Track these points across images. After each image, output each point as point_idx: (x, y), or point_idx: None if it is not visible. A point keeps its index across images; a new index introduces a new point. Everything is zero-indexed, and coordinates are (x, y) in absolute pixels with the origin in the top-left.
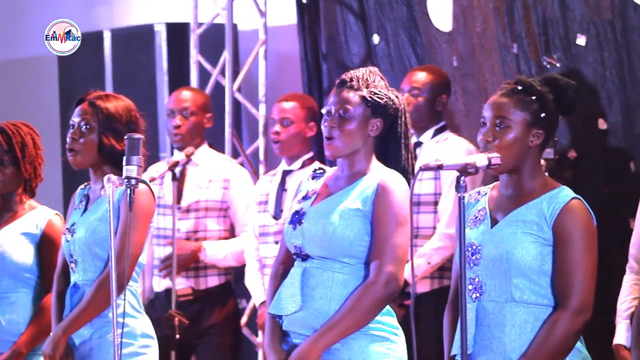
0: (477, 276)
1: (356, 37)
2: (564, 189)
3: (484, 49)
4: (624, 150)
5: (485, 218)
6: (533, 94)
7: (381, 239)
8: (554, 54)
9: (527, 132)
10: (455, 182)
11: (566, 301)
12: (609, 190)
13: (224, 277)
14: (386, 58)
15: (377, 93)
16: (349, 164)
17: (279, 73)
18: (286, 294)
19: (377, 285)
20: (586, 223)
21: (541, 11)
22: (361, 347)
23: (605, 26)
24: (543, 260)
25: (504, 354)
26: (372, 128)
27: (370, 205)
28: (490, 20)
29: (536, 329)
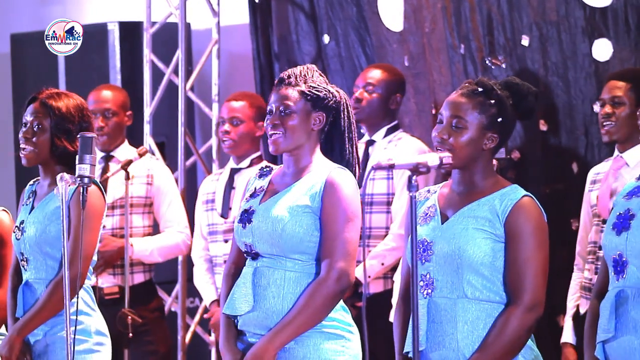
0: (429, 272)
1: (307, 36)
2: (516, 187)
3: (433, 49)
4: (565, 151)
5: (435, 214)
6: (493, 98)
7: (331, 235)
8: (499, 55)
9: (482, 135)
10: (407, 182)
11: (518, 298)
12: (550, 191)
13: (149, 274)
14: (336, 58)
15: (316, 87)
16: (294, 160)
17: (232, 72)
18: (239, 294)
19: (328, 281)
20: (537, 220)
21: (487, 12)
22: (316, 344)
23: (550, 27)
24: (495, 257)
25: (457, 351)
26: (315, 122)
27: (318, 202)
28: (438, 20)
29: (488, 325)
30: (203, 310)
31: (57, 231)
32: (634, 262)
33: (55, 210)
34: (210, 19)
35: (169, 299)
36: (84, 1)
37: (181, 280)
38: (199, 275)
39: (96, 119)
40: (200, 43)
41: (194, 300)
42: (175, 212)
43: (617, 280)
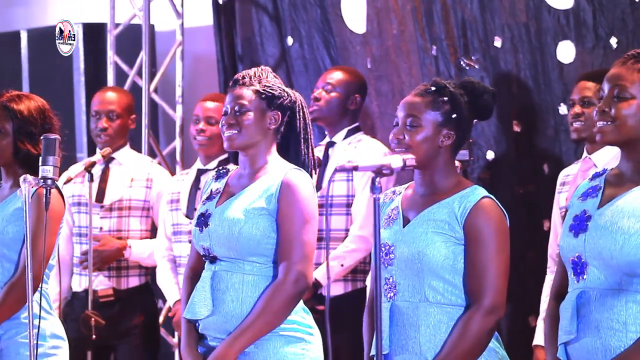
0: (392, 276)
1: (271, 38)
2: (476, 188)
3: (401, 51)
4: (537, 152)
5: (398, 217)
6: (445, 95)
7: (288, 237)
8: (473, 56)
9: (438, 132)
10: (371, 183)
11: (478, 300)
12: (524, 191)
13: (144, 278)
14: (300, 59)
15: (270, 86)
16: (250, 160)
17: (196, 74)
18: (199, 298)
19: (286, 284)
20: (497, 222)
21: (460, 13)
22: (276, 348)
23: (520, 28)
24: (455, 260)
25: (420, 354)
26: (271, 121)
27: (275, 203)
28: (407, 22)
29: (450, 328)
30: (166, 311)
31: (15, 233)
32: (593, 263)
33: (14, 212)
34: (174, 21)
35: None
36: (47, 3)
37: None
38: (162, 275)
39: (100, 119)
40: (164, 44)
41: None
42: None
43: (577, 282)
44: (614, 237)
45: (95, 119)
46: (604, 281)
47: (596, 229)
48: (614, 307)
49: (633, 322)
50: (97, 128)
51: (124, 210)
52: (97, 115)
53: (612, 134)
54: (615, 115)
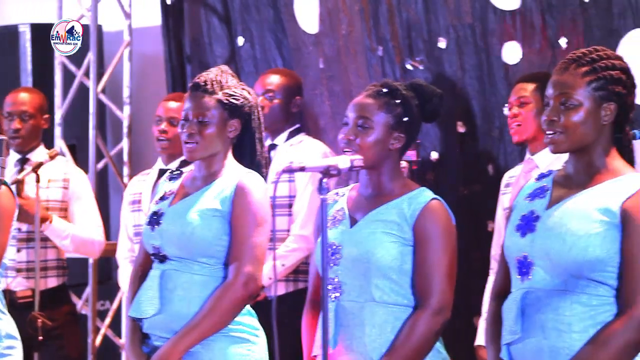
0: (337, 276)
1: (220, 39)
2: (424, 190)
3: (350, 52)
4: (482, 153)
5: (344, 218)
6: (398, 98)
7: (240, 240)
8: (418, 57)
9: (389, 135)
10: (318, 184)
11: (425, 301)
12: (468, 192)
13: (62, 279)
14: (251, 60)
15: (233, 94)
16: (206, 164)
17: (144, 74)
18: (145, 297)
19: (236, 286)
20: (445, 223)
21: (405, 14)
22: (221, 348)
23: (466, 30)
24: (403, 260)
25: (365, 354)
26: (231, 129)
27: (228, 206)
28: (356, 22)
29: (396, 329)
30: (114, 312)
31: None
32: (539, 263)
33: None
34: (122, 21)
35: (80, 302)
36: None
37: (92, 283)
38: (124, 276)
39: (13, 121)
40: (112, 45)
41: (104, 303)
42: (90, 216)
43: (522, 282)
44: (562, 238)
45: (7, 120)
46: (549, 282)
47: (544, 230)
48: (559, 308)
49: (577, 323)
50: (10, 129)
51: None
52: (10, 117)
53: (564, 145)
54: (565, 125)
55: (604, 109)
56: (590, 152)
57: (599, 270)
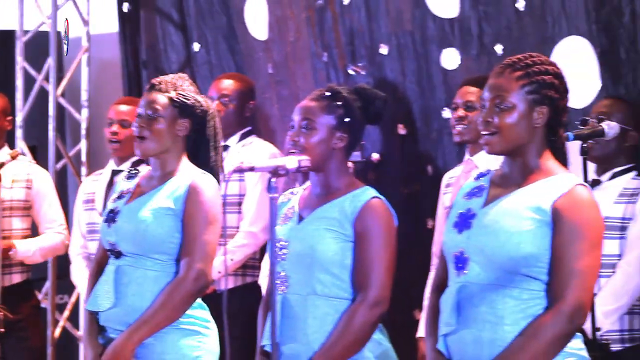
0: (284, 270)
1: (175, 45)
2: (367, 189)
3: (297, 58)
4: (421, 154)
5: (293, 215)
6: (339, 100)
7: (191, 237)
8: (360, 63)
9: (332, 135)
10: (267, 184)
11: (364, 294)
12: (408, 191)
13: (26, 275)
14: (206, 65)
15: (185, 95)
16: (161, 163)
17: (101, 79)
18: (101, 291)
19: (187, 281)
20: (385, 221)
21: (349, 22)
22: (173, 340)
23: (406, 37)
24: (344, 255)
25: (307, 345)
26: (180, 128)
27: (181, 204)
28: (302, 30)
29: (337, 320)
30: (72, 305)
31: None
32: (475, 259)
33: None
34: (80, 28)
35: (40, 296)
36: None
37: (51, 278)
38: (77, 271)
39: None
40: (71, 51)
41: (63, 297)
42: (54, 214)
43: (458, 276)
44: (496, 235)
45: None
46: (484, 276)
47: (480, 227)
48: (492, 302)
49: (509, 316)
50: None
51: (6, 211)
52: None
53: (498, 145)
54: (499, 126)
55: (536, 112)
56: (524, 153)
57: (530, 266)
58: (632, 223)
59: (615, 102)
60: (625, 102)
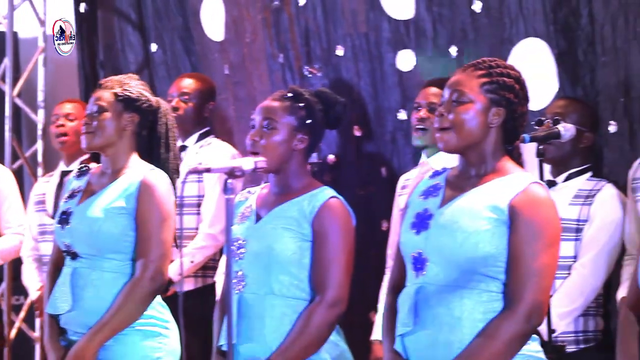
0: (242, 269)
1: (133, 45)
2: (325, 189)
3: (253, 59)
4: (376, 156)
5: (251, 214)
6: (301, 102)
7: (146, 235)
8: (316, 64)
9: (293, 136)
10: (223, 184)
11: (321, 294)
12: (364, 193)
13: None
14: (163, 65)
15: (129, 90)
16: (111, 161)
17: (58, 79)
18: (59, 294)
19: (143, 280)
20: (343, 221)
21: (304, 23)
22: (134, 342)
23: (361, 38)
24: (302, 255)
25: (265, 344)
26: (127, 122)
27: (134, 202)
28: (259, 31)
29: (294, 320)
30: (28, 307)
31: None
32: (433, 260)
33: None
34: (37, 28)
35: None
36: None
37: (7, 279)
38: (27, 272)
39: None
40: (27, 51)
41: (19, 298)
42: (14, 214)
43: (416, 277)
44: (454, 235)
45: None
46: (442, 277)
47: (437, 228)
48: (450, 303)
49: (467, 317)
50: None
51: None
52: None
53: (452, 142)
54: (454, 120)
55: (493, 111)
56: (479, 152)
57: (488, 266)
58: (587, 225)
59: (570, 103)
60: (580, 103)
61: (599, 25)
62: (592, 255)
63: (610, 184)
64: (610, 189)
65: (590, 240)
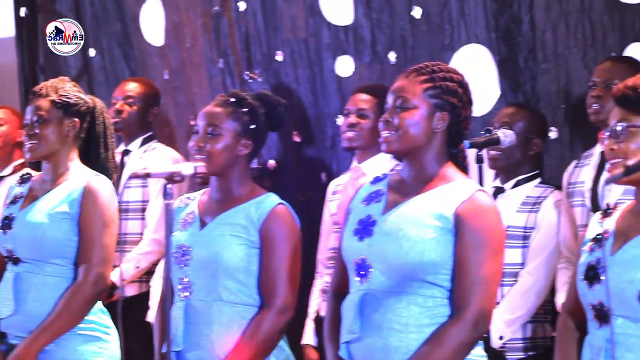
0: (187, 276)
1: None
2: (270, 195)
3: (193, 64)
4: (316, 162)
5: (194, 220)
6: (245, 107)
7: (88, 240)
8: (256, 69)
9: (237, 142)
10: (163, 190)
11: (270, 301)
12: (303, 198)
13: None
14: (102, 70)
15: (66, 95)
16: (53, 166)
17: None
18: (1, 298)
19: (86, 285)
20: (290, 228)
21: (244, 29)
22: (75, 346)
23: (300, 44)
24: (250, 262)
25: (212, 351)
26: (69, 128)
27: (77, 208)
28: (198, 36)
29: (242, 327)
30: None
31: None
32: (377, 266)
33: None
34: None
35: None
36: None
37: None
38: None
39: None
40: None
41: None
42: None
43: (360, 283)
44: (399, 243)
45: None
46: (387, 284)
47: (381, 234)
48: (396, 309)
49: (414, 324)
50: None
51: None
52: None
53: (396, 143)
54: (399, 125)
55: (437, 116)
56: (422, 158)
57: (434, 273)
58: (534, 232)
59: (517, 111)
60: (528, 110)
61: (540, 32)
62: (539, 262)
63: (558, 191)
64: (557, 196)
65: (536, 247)
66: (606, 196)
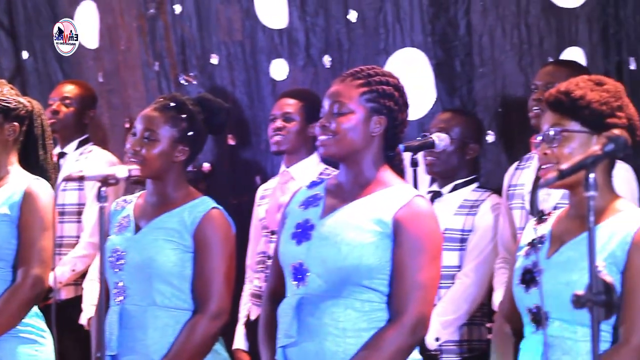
0: (122, 280)
1: (6, 52)
2: (205, 199)
3: (128, 66)
4: (250, 165)
5: (129, 224)
6: (184, 112)
7: (27, 243)
8: (191, 72)
9: (174, 148)
10: (97, 192)
11: (204, 306)
12: (237, 202)
13: None
14: (35, 73)
15: (5, 99)
16: None
17: None
18: None
19: (23, 288)
20: (224, 232)
21: (180, 32)
22: (10, 348)
23: (236, 47)
24: (183, 266)
25: (147, 356)
26: (9, 133)
27: (17, 211)
28: (134, 38)
29: (177, 331)
30: None
31: None
32: (315, 270)
33: None
34: None
35: None
36: None
37: None
38: None
39: None
40: None
41: None
42: None
43: (297, 287)
44: (338, 247)
45: None
46: (324, 288)
47: (319, 239)
48: (333, 313)
49: (351, 328)
50: None
51: None
52: None
53: (333, 147)
54: (336, 129)
55: (374, 120)
56: (360, 162)
57: (371, 278)
58: (471, 235)
59: (454, 116)
60: (464, 115)
61: (477, 36)
62: (475, 264)
63: (495, 195)
64: (494, 200)
65: (473, 249)
66: (546, 200)
